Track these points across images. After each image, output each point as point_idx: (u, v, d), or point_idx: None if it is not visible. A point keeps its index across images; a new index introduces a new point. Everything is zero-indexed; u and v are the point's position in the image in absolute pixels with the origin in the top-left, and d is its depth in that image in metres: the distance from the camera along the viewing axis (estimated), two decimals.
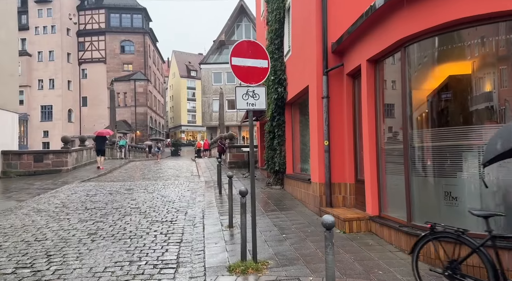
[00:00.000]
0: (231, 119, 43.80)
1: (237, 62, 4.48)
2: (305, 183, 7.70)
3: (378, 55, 5.41)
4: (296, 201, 8.49)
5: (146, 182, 13.17)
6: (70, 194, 10.35)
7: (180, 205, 8.59)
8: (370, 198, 5.61)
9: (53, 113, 44.66)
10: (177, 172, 17.21)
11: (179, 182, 13.05)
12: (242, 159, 17.52)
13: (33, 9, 44.74)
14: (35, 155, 14.79)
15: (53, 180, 13.29)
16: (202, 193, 10.40)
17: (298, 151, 9.59)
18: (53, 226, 6.69)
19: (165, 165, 22.37)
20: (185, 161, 28.65)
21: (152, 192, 10.68)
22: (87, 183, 12.66)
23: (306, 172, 9.08)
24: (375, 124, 5.64)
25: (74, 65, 46.64)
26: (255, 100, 4.58)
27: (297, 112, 9.59)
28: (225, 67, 44.82)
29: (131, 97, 46.79)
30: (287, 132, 9.83)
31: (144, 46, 48.21)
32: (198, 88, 75.15)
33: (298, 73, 8.27)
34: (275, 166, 10.05)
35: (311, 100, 7.26)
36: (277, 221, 6.67)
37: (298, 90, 8.16)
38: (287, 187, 9.73)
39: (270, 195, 9.50)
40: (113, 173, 16.68)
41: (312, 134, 7.20)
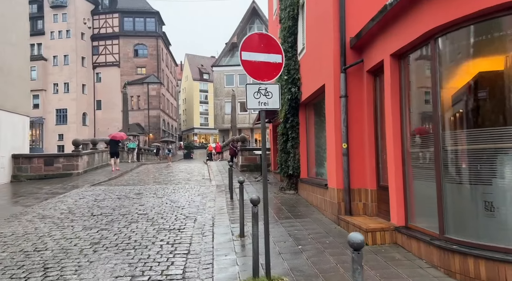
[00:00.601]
0: (243, 122, 43.50)
1: (247, 57, 4.05)
2: (322, 188, 7.20)
3: (403, 49, 4.89)
4: (311, 207, 7.99)
5: (156, 186, 12.85)
6: (78, 199, 10.08)
7: (190, 211, 8.19)
8: (395, 206, 5.08)
9: (68, 117, 45.18)
10: (188, 176, 16.88)
11: (189, 186, 12.68)
12: (254, 162, 17.08)
13: (49, 14, 45.47)
14: (46, 158, 14.66)
15: (62, 184, 13.10)
16: (213, 198, 9.99)
17: (313, 154, 9.09)
18: (56, 234, 6.36)
19: (176, 168, 22.10)
20: (197, 164, 28.38)
21: (161, 196, 10.33)
22: (97, 187, 12.41)
23: (321, 177, 8.58)
24: (400, 125, 5.11)
25: (88, 69, 47.13)
26: (268, 99, 4.13)
27: (312, 113, 9.10)
28: (237, 69, 44.60)
29: (144, 100, 46.97)
30: (301, 134, 9.34)
31: (157, 50, 48.40)
32: (210, 91, 75.30)
33: (313, 72, 7.78)
34: (289, 170, 9.57)
35: (327, 99, 6.77)
36: (292, 230, 6.19)
37: (314, 90, 7.68)
38: (302, 192, 9.24)
39: (284, 200, 9.02)
40: (124, 177, 16.45)
41: (329, 136, 6.71)
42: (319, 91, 7.55)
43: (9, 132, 13.93)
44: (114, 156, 17.42)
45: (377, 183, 6.03)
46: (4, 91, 13.44)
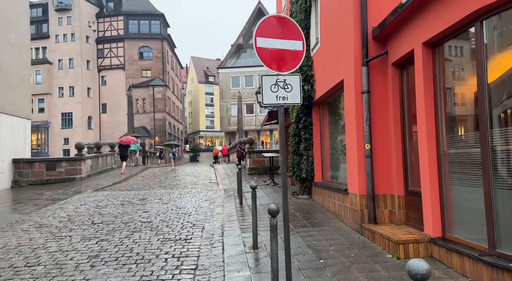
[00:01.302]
0: (250, 124, 42.99)
1: (263, 43, 3.48)
2: (340, 193, 6.59)
3: (439, 35, 4.29)
4: (328, 214, 7.38)
5: (162, 190, 12.32)
6: (79, 205, 9.57)
7: (197, 218, 7.62)
8: (430, 214, 4.47)
9: (73, 120, 44.99)
10: (195, 180, 16.35)
11: (196, 190, 12.13)
12: (263, 165, 16.49)
13: (53, 17, 45.39)
14: (48, 163, 14.21)
15: (64, 189, 12.62)
16: (221, 203, 9.42)
17: (327, 156, 8.48)
18: (51, 246, 5.82)
19: (182, 171, 21.58)
20: (204, 167, 27.87)
21: (167, 202, 9.78)
22: (100, 193, 11.91)
23: (337, 180, 7.97)
24: (435, 122, 4.50)
25: (93, 72, 46.96)
26: (287, 92, 3.56)
27: (326, 113, 8.51)
28: (243, 71, 44.17)
29: (150, 103, 46.64)
30: (315, 135, 8.74)
31: (162, 52, 48.10)
32: (216, 93, 74.97)
33: (329, 67, 7.20)
34: (302, 173, 8.97)
35: (347, 96, 6.17)
36: (310, 241, 5.59)
37: (330, 87, 7.08)
38: (316, 197, 8.62)
39: (298, 206, 8.41)
40: (129, 181, 15.96)
41: (349, 136, 6.10)
42: (335, 88, 6.96)
43: (9, 135, 13.50)
44: (123, 160, 18.31)
45: (405, 188, 5.41)
46: (3, 93, 13.03)
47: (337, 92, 7.25)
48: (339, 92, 7.10)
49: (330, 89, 7.11)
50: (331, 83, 6.97)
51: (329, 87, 7.13)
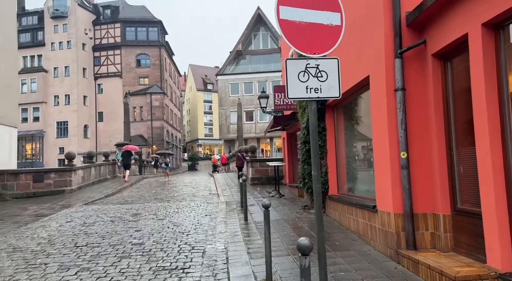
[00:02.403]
0: (249, 131, 42.06)
1: (288, 14, 2.55)
2: (366, 210, 5.59)
3: (505, 14, 3.35)
4: (349, 234, 6.36)
5: (157, 204, 11.28)
6: (64, 222, 8.52)
7: (196, 239, 6.60)
8: (498, 242, 3.47)
9: (69, 129, 44.02)
10: (194, 191, 15.31)
11: (195, 204, 11.10)
12: (266, 174, 15.47)
13: (49, 25, 44.71)
14: (34, 174, 13.17)
15: (51, 203, 11.57)
16: (223, 219, 8.40)
17: (343, 166, 7.51)
18: (20, 279, 4.79)
19: (180, 182, 20.53)
20: (202, 176, 26.84)
21: (162, 218, 8.75)
22: (90, 207, 10.86)
23: (355, 193, 6.99)
24: (501, 125, 3.54)
25: (90, 80, 46.13)
26: (321, 81, 2.64)
27: (342, 116, 7.55)
28: (242, 78, 43.38)
29: (147, 111, 45.74)
30: (329, 142, 7.77)
31: (160, 59, 47.39)
32: (214, 101, 74.22)
33: (348, 63, 6.24)
34: None
35: (375, 95, 5.22)
36: (336, 271, 4.57)
37: (349, 86, 6.13)
38: (331, 212, 7.62)
39: (311, 223, 7.38)
40: (123, 193, 14.91)
41: (379, 142, 5.13)
42: (357, 87, 6.01)
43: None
44: (126, 168, 18.65)
45: (452, 206, 4.42)
46: None
47: (358, 92, 6.30)
48: (361, 91, 6.15)
49: (350, 89, 6.15)
50: (351, 82, 6.02)
51: (348, 87, 6.18)
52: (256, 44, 44.44)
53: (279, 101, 10.03)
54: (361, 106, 6.67)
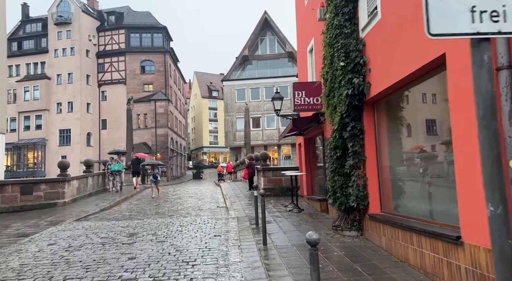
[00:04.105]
0: (256, 138, 40.59)
1: None
2: (440, 241, 4.07)
3: None
4: (408, 269, 4.83)
5: (158, 220, 9.83)
6: (45, 246, 7.08)
7: (205, 273, 5.12)
8: None
9: (72, 137, 42.87)
10: (199, 203, 13.84)
11: (201, 220, 9.63)
12: (279, 185, 13.99)
13: (53, 31, 43.91)
14: (23, 185, 11.79)
15: (39, 219, 10.16)
16: (237, 241, 6.92)
17: (387, 177, 6.04)
18: None
19: (184, 192, 19.07)
20: (208, 186, 25.38)
21: (163, 240, 7.29)
22: (81, 224, 9.43)
23: (398, 211, 5.50)
24: None
25: (93, 87, 45.10)
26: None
27: (384, 115, 6.10)
28: (249, 83, 42.08)
29: (152, 118, 44.52)
30: (369, 148, 6.29)
31: (164, 66, 46.31)
32: (220, 109, 73.11)
33: (404, 43, 4.80)
34: (349, 200, 6.46)
35: (457, 81, 3.74)
36: None
37: (405, 73, 4.67)
38: (373, 235, 6.09)
39: (348, 250, 5.86)
40: (121, 206, 13.47)
41: (467, 147, 3.64)
42: (418, 73, 4.54)
43: None
44: (135, 175, 18.80)
45: None
46: None
47: (415, 82, 4.83)
48: (421, 80, 4.68)
49: (407, 76, 4.69)
50: (410, 67, 4.56)
51: (403, 74, 4.72)
52: (262, 49, 43.27)
53: (299, 100, 8.58)
54: (418, 100, 5.21)
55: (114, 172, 16.77)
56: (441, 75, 4.20)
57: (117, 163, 17.19)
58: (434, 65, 4.13)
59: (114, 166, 16.85)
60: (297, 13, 12.75)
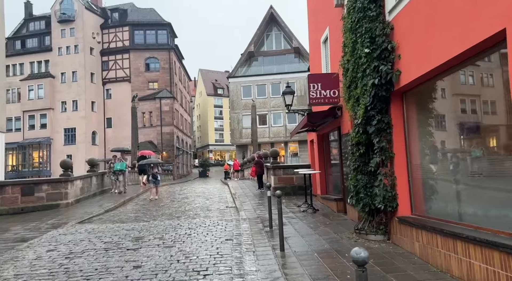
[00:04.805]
0: (263, 136, 39.95)
1: None
2: (497, 251, 3.46)
3: None
4: (449, 279, 4.22)
5: (165, 222, 9.29)
6: (44, 252, 6.57)
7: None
8: None
9: (77, 136, 42.58)
10: (208, 203, 13.30)
11: (211, 221, 9.08)
12: (290, 183, 13.40)
13: (56, 29, 43.57)
14: (23, 186, 11.31)
15: (40, 222, 9.68)
16: (251, 246, 6.36)
17: (418, 176, 5.43)
18: None
19: (192, 191, 18.56)
20: (215, 184, 24.90)
21: (170, 245, 6.75)
22: (84, 227, 8.92)
23: (432, 214, 4.90)
24: None
25: (98, 85, 44.75)
26: None
27: (415, 107, 5.49)
28: (255, 80, 41.40)
29: (157, 116, 44.08)
30: (396, 144, 5.68)
31: (169, 63, 45.80)
32: (225, 106, 72.56)
33: (447, 23, 4.18)
34: (374, 201, 5.86)
35: None
36: None
37: (448, 56, 4.05)
38: (403, 240, 5.49)
39: (376, 257, 5.24)
40: (127, 206, 12.98)
41: None
42: (465, 55, 3.91)
43: None
44: (141, 173, 18.15)
45: None
46: None
47: (457, 67, 4.21)
48: (469, 62, 4.06)
49: (449, 61, 4.06)
50: (454, 49, 3.93)
51: (445, 58, 4.09)
52: (268, 44, 42.56)
53: (314, 93, 7.96)
54: (459, 88, 4.58)
55: (117, 171, 15.45)
56: (494, 56, 3.59)
57: (120, 161, 15.93)
58: (489, 44, 3.50)
59: (117, 165, 15.51)
60: (308, 2, 12.10)
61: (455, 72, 4.40)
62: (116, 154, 17.53)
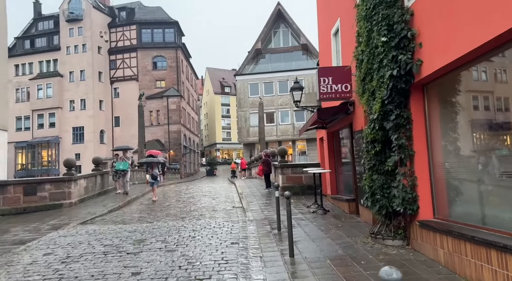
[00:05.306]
0: (270, 134, 39.48)
1: None
2: None
3: None
4: None
5: (169, 223, 8.93)
6: (40, 256, 6.23)
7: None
8: None
9: (85, 135, 42.65)
10: (214, 202, 12.92)
11: (216, 223, 8.69)
12: (299, 183, 12.95)
13: (64, 28, 43.65)
14: (26, 186, 11.04)
15: (41, 222, 9.39)
16: (258, 251, 5.94)
17: (441, 176, 4.94)
18: None
19: (198, 190, 18.22)
20: (222, 183, 24.53)
21: (173, 248, 6.36)
22: (85, 228, 8.60)
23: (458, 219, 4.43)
24: None
25: (105, 84, 44.74)
26: None
27: (437, 100, 5.00)
28: (262, 77, 40.91)
29: (164, 114, 43.90)
30: (417, 141, 5.19)
31: (176, 61, 45.58)
32: (232, 105, 72.26)
33: (479, 3, 3.70)
34: (393, 203, 5.39)
35: None
36: None
37: (481, 41, 3.57)
38: (425, 246, 5.01)
39: (398, 265, 4.77)
40: (131, 206, 12.66)
41: None
42: (502, 39, 3.42)
43: None
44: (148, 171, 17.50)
45: None
46: None
47: (491, 53, 3.72)
48: (505, 47, 3.57)
49: (482, 46, 3.58)
50: (489, 32, 3.44)
51: (477, 43, 3.61)
52: (276, 41, 42.02)
53: (325, 87, 7.49)
54: (491, 78, 4.09)
55: (118, 171, 14.44)
56: None
57: (123, 161, 14.89)
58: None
59: (119, 164, 14.49)
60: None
61: (486, 61, 3.92)
62: (118, 153, 16.33)
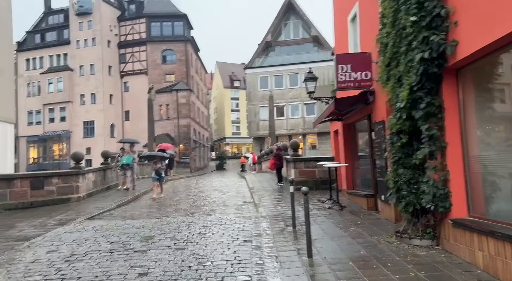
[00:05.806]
0: (281, 128, 38.94)
1: None
2: None
3: None
4: None
5: (178, 218, 8.60)
6: (43, 254, 5.94)
7: None
8: None
9: (95, 129, 42.74)
10: (224, 197, 12.56)
11: (228, 219, 8.31)
12: (312, 177, 12.49)
13: (74, 22, 43.59)
14: (33, 180, 10.80)
15: (47, 217, 9.14)
16: (273, 250, 5.54)
17: (477, 170, 4.44)
18: None
19: (208, 185, 17.91)
20: (232, 177, 24.23)
21: (183, 246, 6.01)
22: (92, 224, 8.31)
23: (497, 217, 3.94)
24: None
25: (115, 78, 44.66)
26: None
27: (473, 87, 4.49)
28: (272, 71, 40.28)
29: (174, 109, 43.68)
30: (449, 131, 4.70)
31: (186, 55, 45.20)
32: (242, 99, 71.72)
33: None
34: (421, 200, 4.92)
35: None
36: None
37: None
38: (458, 247, 4.54)
39: (429, 269, 4.31)
40: (140, 201, 12.39)
41: None
42: None
43: None
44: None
45: None
46: None
47: None
48: None
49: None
50: None
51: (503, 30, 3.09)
52: (286, 34, 41.29)
53: (343, 76, 6.99)
54: None
55: (124, 166, 13.68)
56: None
57: (128, 154, 14.09)
58: None
59: (124, 158, 13.78)
60: None
61: None
62: (124, 147, 15.62)
